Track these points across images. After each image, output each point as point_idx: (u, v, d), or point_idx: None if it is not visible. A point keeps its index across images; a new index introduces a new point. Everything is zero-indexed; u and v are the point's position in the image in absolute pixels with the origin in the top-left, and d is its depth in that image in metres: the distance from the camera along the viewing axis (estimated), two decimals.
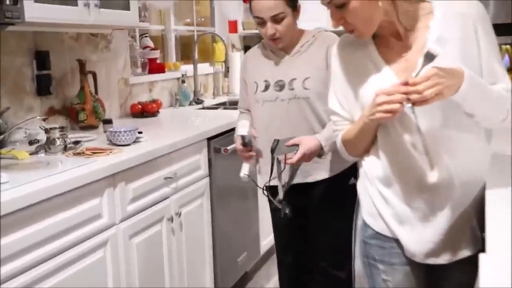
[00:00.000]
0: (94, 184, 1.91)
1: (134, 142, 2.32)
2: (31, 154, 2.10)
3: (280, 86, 2.10)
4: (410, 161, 1.45)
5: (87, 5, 2.31)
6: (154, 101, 3.22)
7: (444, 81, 1.31)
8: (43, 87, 2.56)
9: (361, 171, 1.61)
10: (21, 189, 1.65)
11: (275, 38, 2.06)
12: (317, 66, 2.06)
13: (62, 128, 2.17)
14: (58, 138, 2.14)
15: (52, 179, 1.77)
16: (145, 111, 3.13)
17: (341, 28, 1.49)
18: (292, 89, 2.08)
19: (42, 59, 2.55)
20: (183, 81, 3.68)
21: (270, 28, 2.03)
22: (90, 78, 2.75)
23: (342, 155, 1.66)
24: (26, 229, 1.64)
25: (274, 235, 2.44)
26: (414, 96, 1.31)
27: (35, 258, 1.67)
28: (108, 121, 2.61)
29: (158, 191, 2.31)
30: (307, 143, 1.97)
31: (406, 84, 1.32)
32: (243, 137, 2.03)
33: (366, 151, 1.57)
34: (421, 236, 1.48)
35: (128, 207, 2.12)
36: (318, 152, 2.00)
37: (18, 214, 1.61)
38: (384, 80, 1.44)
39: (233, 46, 4.54)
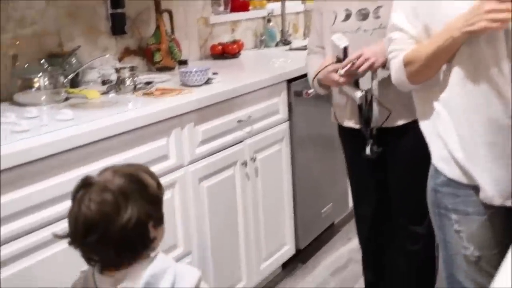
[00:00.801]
0: (160, 124, 2.01)
1: (206, 83, 2.40)
2: (102, 94, 2.25)
3: (364, 15, 2.04)
4: (492, 90, 1.39)
5: None
6: (235, 42, 3.28)
7: None
8: (117, 26, 2.68)
9: (430, 110, 1.56)
10: (85, 126, 1.79)
11: None
12: None
13: (132, 68, 2.31)
14: (128, 78, 2.28)
15: (118, 117, 1.89)
16: (226, 52, 3.21)
17: None
18: (378, 17, 2.02)
19: None
20: (269, 20, 3.70)
21: None
22: (166, 17, 2.85)
23: (395, 81, 1.60)
24: (90, 166, 1.76)
25: (350, 184, 2.46)
26: None
27: None
28: (184, 62, 2.70)
29: (231, 134, 2.38)
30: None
31: None
32: (345, 48, 1.95)
33: (429, 77, 1.51)
34: (500, 176, 1.44)
35: (197, 149, 2.21)
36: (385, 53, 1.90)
37: (82, 150, 1.74)
38: None
39: None
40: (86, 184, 1.19)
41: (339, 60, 1.98)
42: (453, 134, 1.50)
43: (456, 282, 1.59)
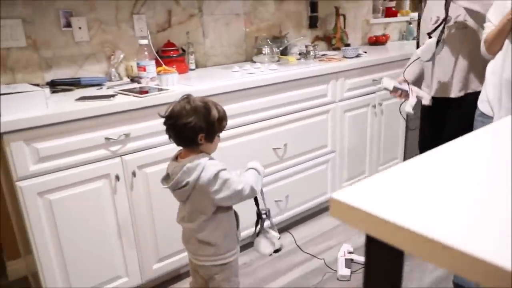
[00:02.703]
0: (324, 76, 2.15)
1: (357, 56, 2.45)
2: (297, 59, 2.44)
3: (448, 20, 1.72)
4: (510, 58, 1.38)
5: None
6: (384, 35, 3.21)
7: None
8: (312, 23, 2.78)
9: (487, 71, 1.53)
10: (283, 73, 1.99)
11: None
12: None
13: (314, 46, 2.46)
14: (311, 51, 2.43)
15: (302, 70, 2.07)
16: (378, 41, 3.16)
17: None
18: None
19: (313, 5, 2.75)
20: (410, 23, 3.54)
21: None
22: (341, 18, 2.88)
23: (482, 53, 1.51)
24: (284, 94, 1.96)
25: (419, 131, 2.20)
26: None
27: (280, 112, 2.03)
28: (348, 45, 2.79)
29: (367, 88, 2.40)
30: None
31: None
32: (394, 87, 1.86)
33: (497, 50, 1.45)
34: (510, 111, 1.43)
35: (345, 94, 2.28)
36: None
37: (281, 85, 1.94)
38: None
39: None
40: (186, 97, 1.21)
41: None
42: (490, 85, 1.49)
43: None
